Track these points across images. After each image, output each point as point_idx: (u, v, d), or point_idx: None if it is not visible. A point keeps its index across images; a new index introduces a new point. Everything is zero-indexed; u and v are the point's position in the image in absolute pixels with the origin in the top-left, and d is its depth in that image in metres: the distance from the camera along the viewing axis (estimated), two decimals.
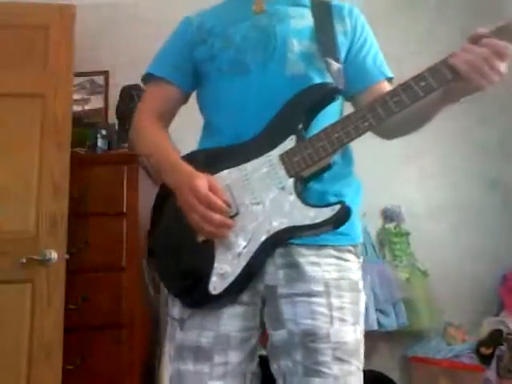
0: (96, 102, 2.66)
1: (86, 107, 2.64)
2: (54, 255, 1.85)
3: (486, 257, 2.72)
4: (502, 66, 0.87)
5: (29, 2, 2.14)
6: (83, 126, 2.41)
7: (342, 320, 0.97)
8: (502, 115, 2.93)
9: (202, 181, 0.95)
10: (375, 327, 2.41)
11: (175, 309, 1.06)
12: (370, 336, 2.47)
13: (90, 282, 1.98)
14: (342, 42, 1.14)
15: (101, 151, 2.28)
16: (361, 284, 1.05)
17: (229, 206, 0.96)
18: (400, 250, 2.67)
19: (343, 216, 0.92)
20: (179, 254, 1.03)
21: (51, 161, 1.97)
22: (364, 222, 2.69)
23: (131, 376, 1.94)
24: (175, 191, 1.00)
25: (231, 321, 1.00)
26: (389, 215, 2.75)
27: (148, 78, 1.22)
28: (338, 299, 0.98)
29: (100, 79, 2.71)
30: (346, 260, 1.03)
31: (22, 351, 1.80)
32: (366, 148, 1.47)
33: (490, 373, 2.26)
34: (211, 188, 0.95)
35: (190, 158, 1.05)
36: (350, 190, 1.07)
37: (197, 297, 1.00)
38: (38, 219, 1.91)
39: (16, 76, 2.06)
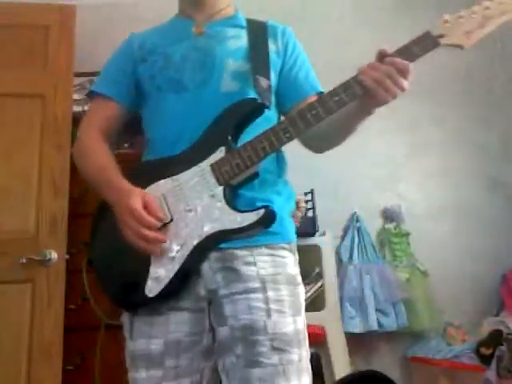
0: None
1: (86, 107, 2.63)
2: (54, 255, 1.85)
3: (486, 257, 2.72)
4: (405, 83, 0.96)
5: (29, 2, 2.14)
6: None
7: (280, 312, 1.03)
8: (502, 116, 2.93)
9: (136, 199, 1.00)
10: (375, 327, 2.42)
11: (124, 317, 1.11)
12: (370, 336, 2.51)
13: (90, 281, 1.98)
14: (275, 61, 1.20)
15: None
16: (299, 278, 1.11)
17: (161, 221, 1.02)
18: (400, 250, 2.67)
19: (268, 218, 1.00)
20: (117, 260, 1.09)
21: (51, 161, 1.97)
22: (364, 223, 2.71)
23: None
24: (113, 207, 1.05)
25: (178, 327, 1.05)
26: (389, 215, 2.75)
27: (91, 95, 1.26)
28: (275, 292, 1.04)
29: None
30: (281, 256, 1.09)
31: (22, 351, 1.80)
32: (365, 149, 1.48)
33: (490, 373, 2.25)
34: (145, 204, 1.00)
35: (130, 171, 1.11)
36: (279, 198, 1.13)
37: (134, 300, 1.06)
38: (38, 219, 1.91)
39: (16, 76, 2.06)
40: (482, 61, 2.89)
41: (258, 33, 1.23)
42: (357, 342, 2.48)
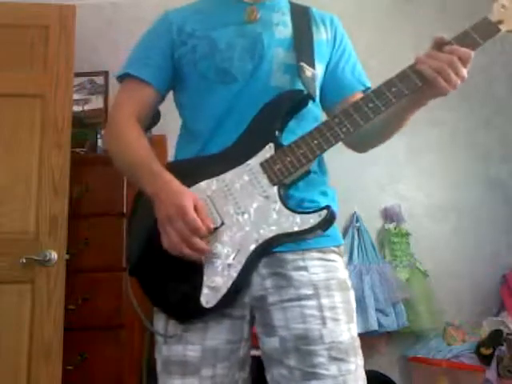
0: (96, 102, 2.66)
1: (86, 107, 2.63)
2: (54, 255, 1.85)
3: (486, 257, 2.72)
4: (465, 71, 0.91)
5: (29, 2, 2.14)
6: (83, 126, 2.41)
7: (335, 319, 0.97)
8: (502, 116, 2.93)
9: (189, 201, 0.92)
10: (375, 327, 2.41)
11: (159, 323, 1.04)
12: (370, 336, 2.50)
13: (90, 282, 1.98)
14: (324, 50, 1.14)
15: (101, 151, 2.28)
16: (349, 282, 1.06)
17: (210, 231, 0.94)
18: (400, 250, 2.66)
19: (330, 220, 0.94)
20: (165, 271, 1.00)
21: (51, 161, 1.97)
22: (364, 223, 2.70)
23: (131, 376, 1.94)
24: (154, 201, 0.97)
25: (217, 334, 0.99)
26: (389, 215, 2.75)
27: (126, 77, 1.15)
28: (329, 299, 0.98)
29: (100, 79, 2.70)
30: (332, 260, 1.03)
31: (22, 351, 1.80)
32: None
33: (490, 373, 2.25)
34: (196, 208, 0.92)
35: (169, 169, 1.01)
36: (325, 198, 1.07)
37: (189, 311, 0.98)
38: (38, 219, 1.91)
39: (16, 76, 2.06)
40: (482, 61, 2.89)
41: (302, 19, 1.15)
42: None
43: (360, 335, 2.56)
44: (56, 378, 1.78)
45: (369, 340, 2.52)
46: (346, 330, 0.97)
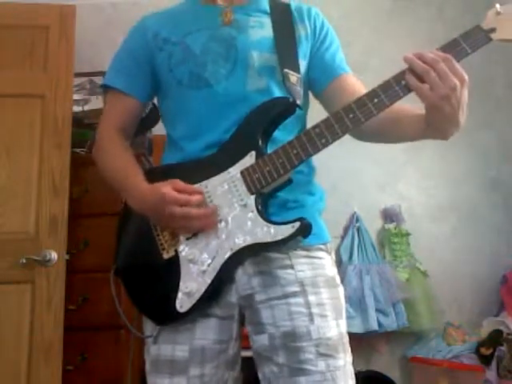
0: (96, 103, 2.65)
1: (86, 108, 2.63)
2: (54, 256, 1.85)
3: (485, 257, 2.72)
4: (452, 79, 0.88)
5: (29, 2, 2.14)
6: (83, 126, 2.41)
7: (323, 316, 0.97)
8: (502, 115, 2.93)
9: (166, 187, 0.95)
10: (375, 327, 2.41)
11: (147, 325, 1.07)
12: (369, 336, 2.50)
13: (90, 282, 1.98)
14: (304, 45, 1.13)
15: None
16: (337, 279, 1.06)
17: (200, 193, 0.98)
18: (400, 250, 2.67)
19: (304, 231, 0.93)
20: (146, 273, 1.05)
21: (51, 161, 1.97)
22: (364, 223, 2.70)
23: (131, 376, 1.93)
24: (145, 214, 1.02)
25: (205, 334, 1.00)
26: (389, 215, 2.75)
27: (106, 88, 1.20)
28: (316, 296, 0.98)
29: (100, 79, 2.70)
30: (319, 258, 1.04)
31: (22, 351, 1.80)
32: (365, 148, 1.48)
33: (490, 373, 2.26)
34: (177, 189, 0.96)
35: (150, 176, 1.05)
36: (311, 198, 1.08)
37: (165, 315, 1.01)
38: (38, 219, 1.91)
39: (16, 76, 2.06)
40: (482, 61, 2.89)
41: (283, 18, 1.13)
42: (357, 341, 2.47)
43: (360, 335, 2.57)
44: (56, 378, 1.78)
45: (369, 340, 2.52)
46: (334, 326, 0.98)
